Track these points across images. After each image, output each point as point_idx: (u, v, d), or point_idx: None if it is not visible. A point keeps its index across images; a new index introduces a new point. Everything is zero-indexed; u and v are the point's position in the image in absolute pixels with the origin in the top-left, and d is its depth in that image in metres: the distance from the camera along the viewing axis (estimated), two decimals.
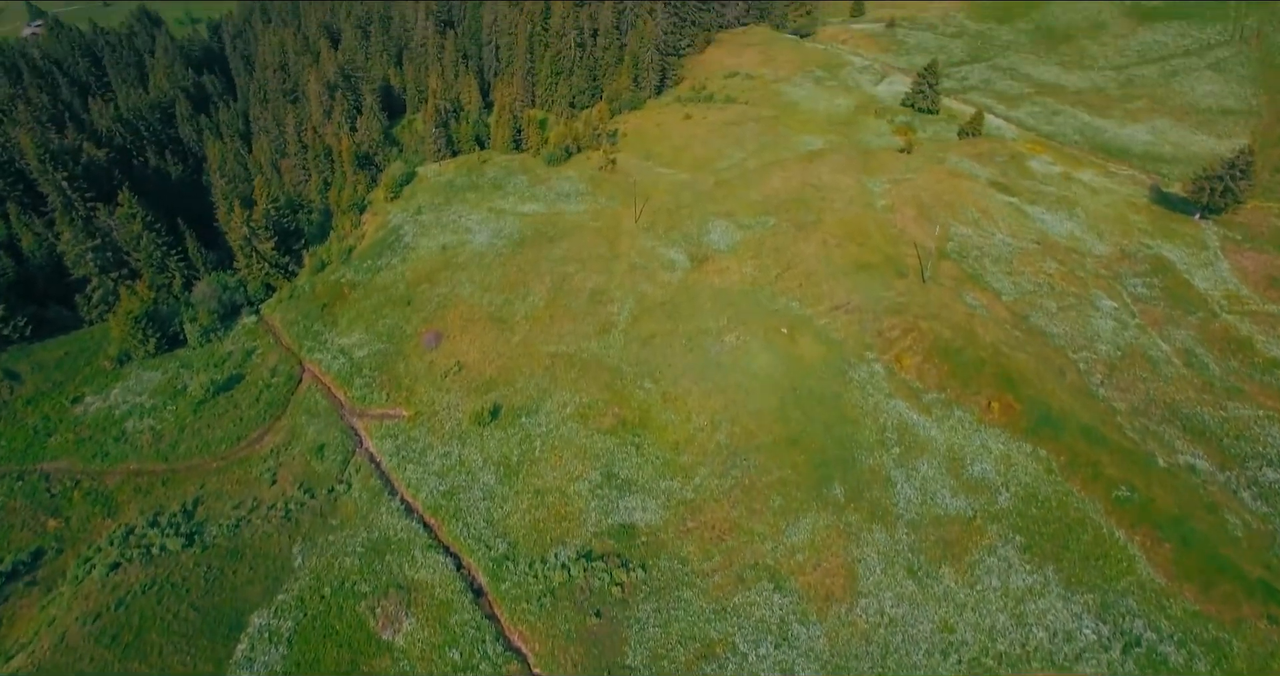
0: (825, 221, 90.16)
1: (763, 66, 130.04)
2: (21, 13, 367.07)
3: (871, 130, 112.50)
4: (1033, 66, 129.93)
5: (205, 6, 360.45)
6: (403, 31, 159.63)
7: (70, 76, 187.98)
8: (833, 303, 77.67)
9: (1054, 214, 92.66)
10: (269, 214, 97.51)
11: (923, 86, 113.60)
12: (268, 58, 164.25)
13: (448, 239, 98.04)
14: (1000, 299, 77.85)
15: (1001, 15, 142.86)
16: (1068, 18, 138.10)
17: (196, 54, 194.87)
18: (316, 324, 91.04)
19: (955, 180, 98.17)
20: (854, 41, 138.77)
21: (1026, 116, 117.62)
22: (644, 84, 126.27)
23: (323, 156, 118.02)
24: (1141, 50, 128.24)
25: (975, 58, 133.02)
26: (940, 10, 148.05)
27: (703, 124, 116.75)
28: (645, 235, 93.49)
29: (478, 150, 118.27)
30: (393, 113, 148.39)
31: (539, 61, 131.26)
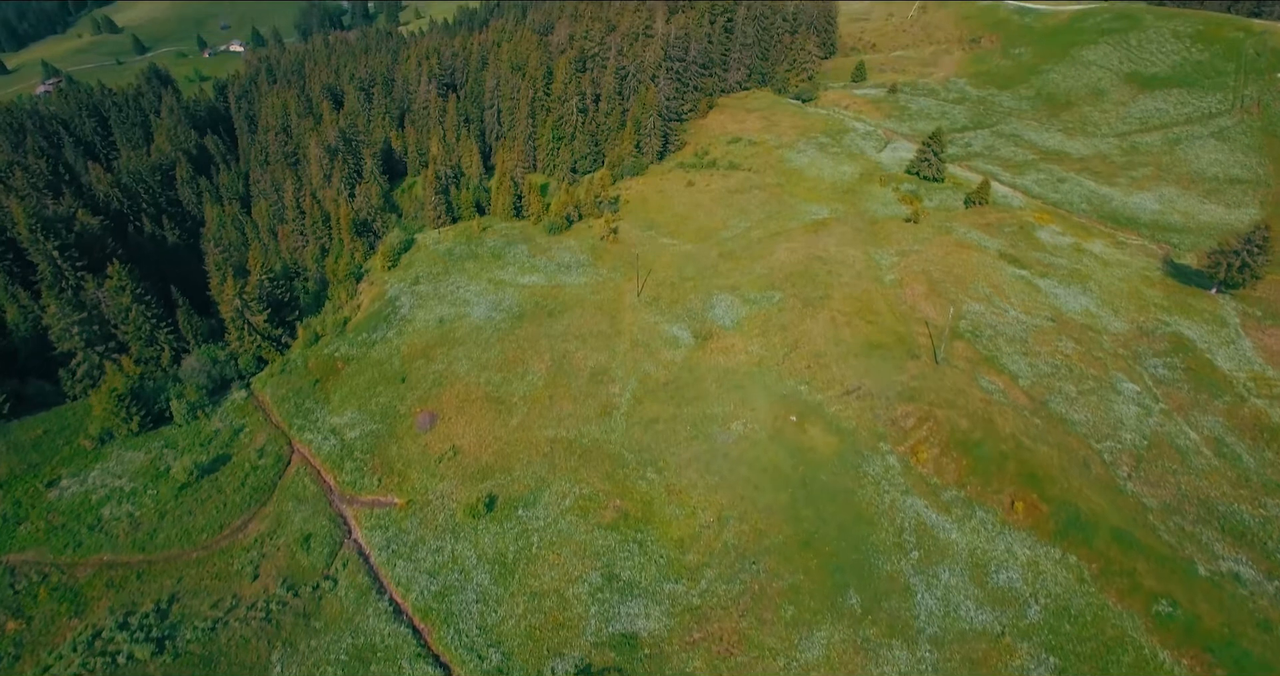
0: (833, 297, 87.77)
1: (765, 132, 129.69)
2: (37, 70, 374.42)
3: (877, 199, 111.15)
4: (1036, 133, 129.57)
5: (214, 64, 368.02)
6: (405, 94, 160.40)
7: (76, 136, 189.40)
8: (843, 387, 74.64)
9: (1067, 288, 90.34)
10: (262, 285, 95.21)
11: (928, 155, 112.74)
12: (270, 119, 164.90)
13: (445, 311, 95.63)
14: (1017, 382, 74.84)
15: (1002, 82, 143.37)
16: (1068, 85, 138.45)
17: (201, 114, 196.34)
18: (308, 401, 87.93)
19: (964, 252, 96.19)
20: (856, 107, 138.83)
21: (1033, 184, 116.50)
22: (646, 149, 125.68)
23: (320, 223, 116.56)
24: (1143, 118, 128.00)
25: (978, 124, 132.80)
26: (942, 76, 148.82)
27: (706, 191, 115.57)
28: (648, 310, 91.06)
29: (478, 217, 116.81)
30: (394, 175, 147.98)
31: (541, 126, 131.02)
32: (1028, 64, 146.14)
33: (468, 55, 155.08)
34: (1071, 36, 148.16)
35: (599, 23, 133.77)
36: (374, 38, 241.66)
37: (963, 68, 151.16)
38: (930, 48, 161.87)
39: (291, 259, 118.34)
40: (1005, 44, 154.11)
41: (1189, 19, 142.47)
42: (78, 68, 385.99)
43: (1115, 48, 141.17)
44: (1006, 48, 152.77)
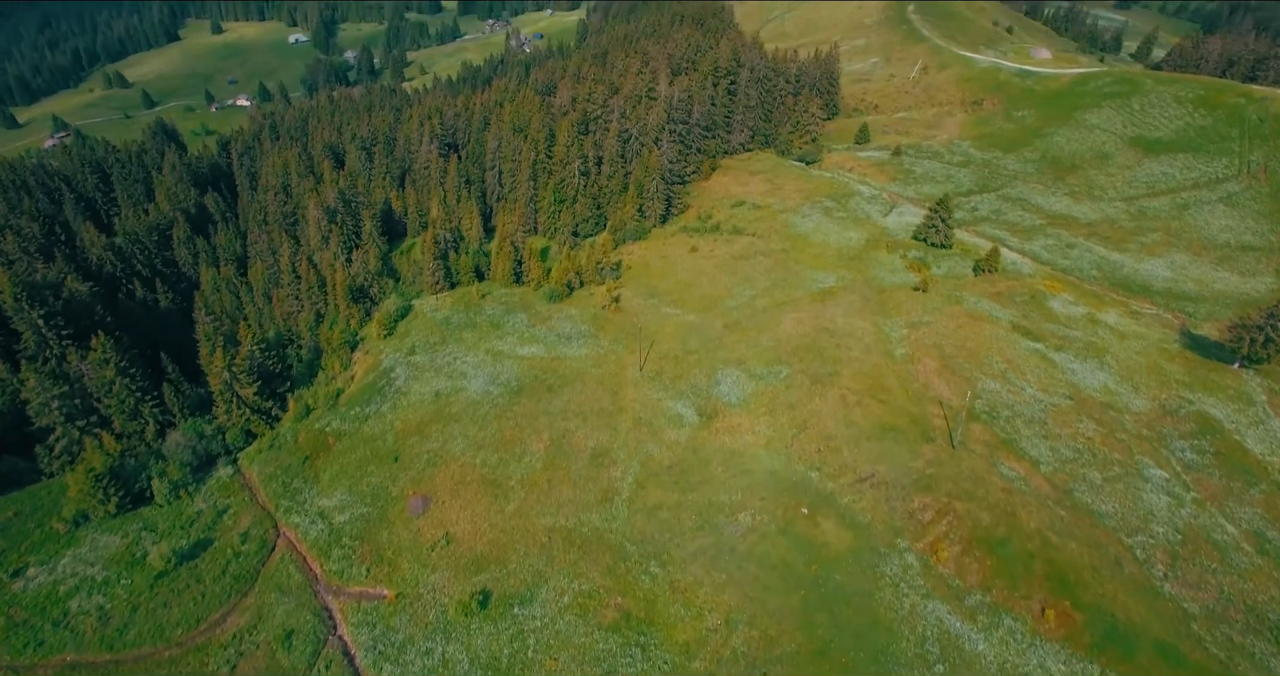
0: (842, 374, 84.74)
1: (769, 196, 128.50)
2: (47, 124, 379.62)
3: (884, 266, 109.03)
4: (1042, 197, 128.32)
5: (220, 118, 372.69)
6: (406, 153, 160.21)
7: (78, 192, 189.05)
8: (856, 474, 71.00)
9: (1083, 363, 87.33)
10: (253, 356, 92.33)
11: (935, 221, 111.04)
12: (270, 178, 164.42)
13: (442, 384, 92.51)
14: (1038, 469, 71.22)
15: (1006, 145, 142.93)
16: (1072, 148, 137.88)
17: (204, 171, 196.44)
18: (296, 480, 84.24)
19: (976, 324, 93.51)
20: (860, 169, 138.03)
21: (1041, 250, 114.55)
22: (649, 213, 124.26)
23: (316, 288, 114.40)
24: (1150, 182, 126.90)
25: (984, 187, 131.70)
26: (946, 138, 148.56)
27: (710, 257, 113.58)
28: (650, 385, 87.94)
29: (477, 282, 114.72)
30: (393, 236, 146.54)
31: (542, 189, 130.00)
32: (1031, 127, 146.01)
33: (470, 115, 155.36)
34: (1074, 100, 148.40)
35: (602, 85, 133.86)
36: (378, 95, 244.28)
37: (966, 130, 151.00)
38: (933, 109, 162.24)
39: (285, 325, 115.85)
40: (1007, 106, 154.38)
41: (1189, 84, 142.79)
42: (87, 121, 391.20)
43: (1118, 112, 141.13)
44: (1009, 110, 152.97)
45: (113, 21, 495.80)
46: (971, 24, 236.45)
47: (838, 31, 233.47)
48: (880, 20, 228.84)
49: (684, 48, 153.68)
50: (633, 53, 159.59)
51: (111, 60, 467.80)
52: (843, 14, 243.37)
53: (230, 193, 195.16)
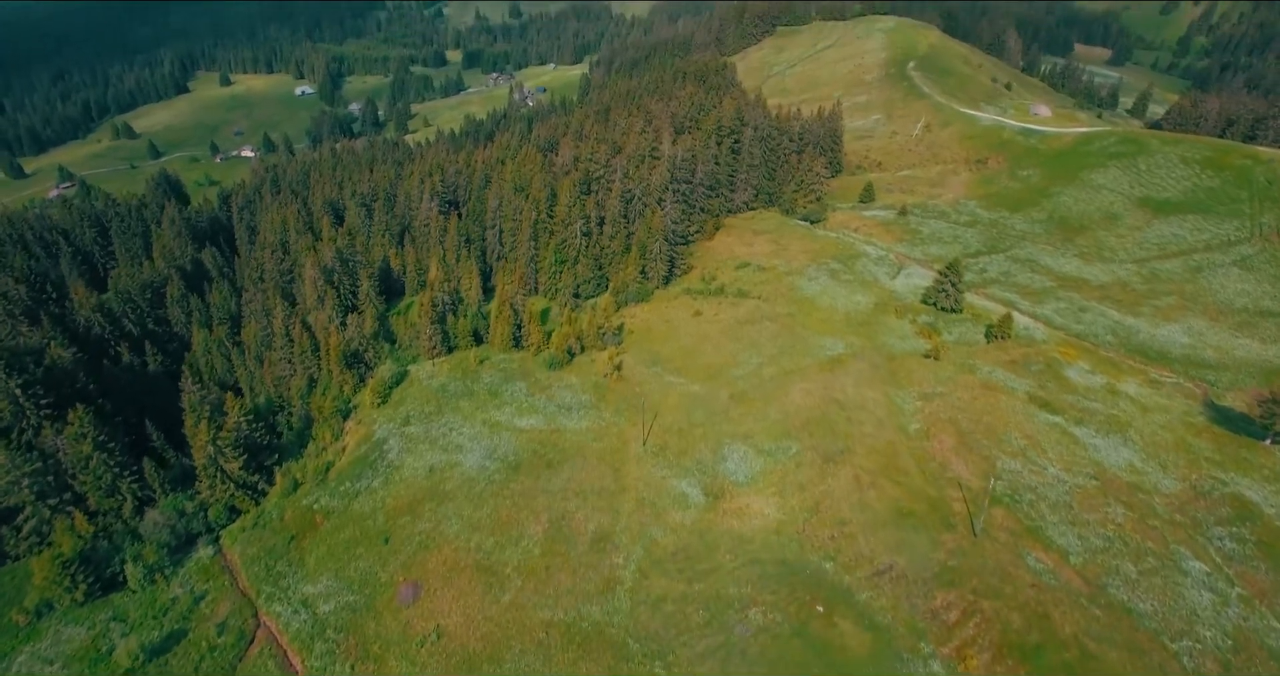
0: (855, 450, 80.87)
1: (774, 257, 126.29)
2: (54, 174, 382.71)
3: (894, 332, 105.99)
4: (1052, 258, 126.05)
5: (225, 168, 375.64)
6: (407, 210, 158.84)
7: (76, 246, 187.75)
8: (873, 566, 66.59)
9: (1106, 438, 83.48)
10: (240, 427, 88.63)
11: (945, 285, 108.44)
12: (268, 235, 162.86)
13: (436, 458, 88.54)
14: (1068, 560, 66.80)
15: (1013, 204, 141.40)
16: (1079, 208, 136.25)
17: (203, 225, 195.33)
18: (280, 563, 79.73)
19: (992, 396, 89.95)
20: (866, 229, 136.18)
21: (1053, 314, 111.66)
22: (652, 274, 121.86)
23: (310, 352, 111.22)
24: (1160, 244, 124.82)
25: (992, 248, 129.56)
26: (952, 197, 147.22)
27: (714, 322, 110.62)
28: (654, 461, 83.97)
29: (475, 347, 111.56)
30: (391, 295, 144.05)
31: (543, 249, 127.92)
32: (1037, 186, 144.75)
33: (471, 172, 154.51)
34: (1079, 159, 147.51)
35: (604, 145, 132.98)
36: (380, 148, 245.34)
37: (971, 189, 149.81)
38: (937, 167, 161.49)
39: (277, 391, 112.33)
40: (1012, 165, 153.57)
41: (1195, 145, 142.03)
42: (92, 172, 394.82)
43: (1124, 172, 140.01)
44: (1014, 169, 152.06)
45: (124, 74, 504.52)
46: (971, 81, 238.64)
47: (838, 88, 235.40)
48: (881, 77, 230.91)
49: (687, 106, 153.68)
50: (635, 111, 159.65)
51: (121, 111, 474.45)
52: (843, 70, 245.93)
53: (229, 246, 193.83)
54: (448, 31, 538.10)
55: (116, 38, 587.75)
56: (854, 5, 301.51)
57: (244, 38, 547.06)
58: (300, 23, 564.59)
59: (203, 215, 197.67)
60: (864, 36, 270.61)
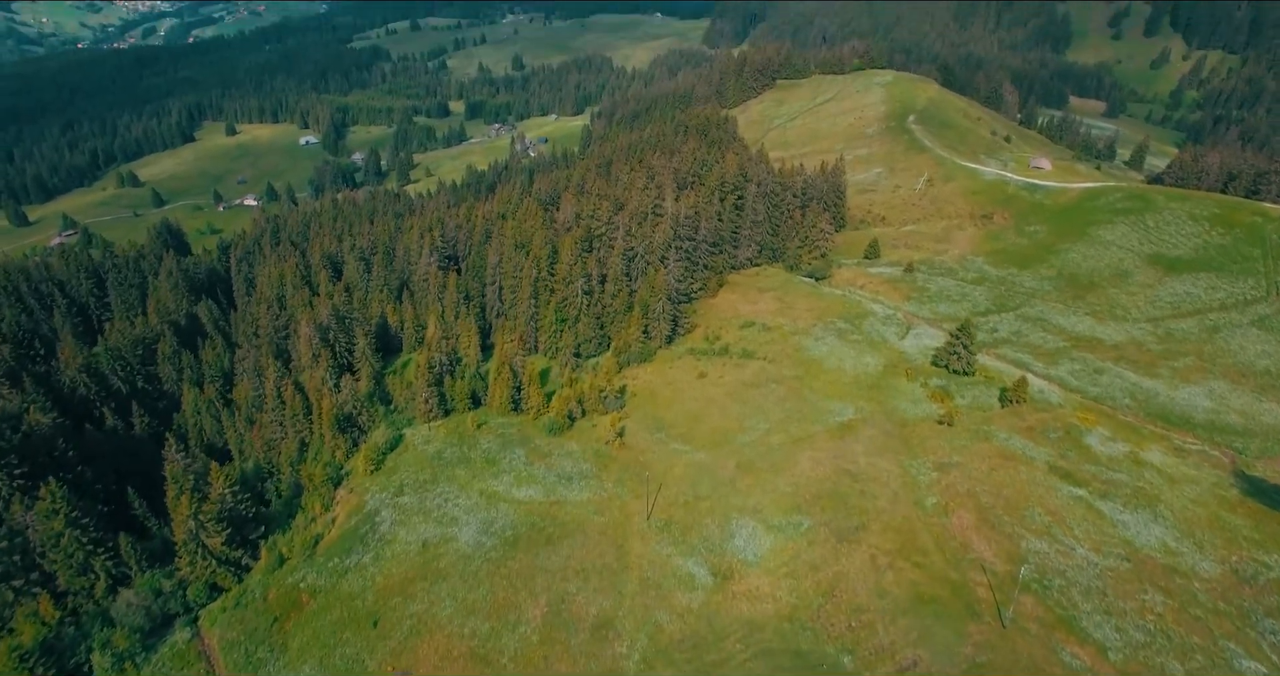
0: (870, 528, 76.71)
1: (780, 316, 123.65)
2: (57, 223, 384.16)
3: (905, 395, 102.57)
4: (1063, 317, 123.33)
5: (227, 217, 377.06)
6: (406, 265, 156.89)
7: (71, 298, 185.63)
8: (896, 662, 61.89)
9: (1134, 513, 79.35)
10: (224, 500, 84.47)
11: (957, 347, 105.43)
12: (265, 289, 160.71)
13: (430, 532, 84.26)
14: (1107, 656, 62.15)
15: (1021, 261, 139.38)
16: (1089, 265, 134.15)
17: (201, 276, 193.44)
18: (262, 648, 74.92)
19: (1011, 466, 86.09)
20: (872, 287, 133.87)
21: (1068, 375, 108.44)
22: (654, 334, 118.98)
23: (302, 415, 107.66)
24: (1174, 302, 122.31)
25: (1001, 306, 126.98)
26: (958, 254, 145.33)
27: (719, 384, 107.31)
28: (659, 537, 79.70)
29: (472, 410, 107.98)
30: (388, 351, 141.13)
31: (544, 308, 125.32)
32: (1044, 243, 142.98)
33: (471, 227, 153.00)
34: (1086, 215, 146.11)
35: (606, 201, 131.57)
36: (381, 199, 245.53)
37: (978, 245, 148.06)
38: (941, 223, 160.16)
39: (266, 456, 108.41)
40: (1018, 221, 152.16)
41: (1202, 202, 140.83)
42: (96, 220, 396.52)
43: (1133, 228, 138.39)
44: (1020, 225, 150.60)
45: (133, 124, 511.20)
46: (971, 134, 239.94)
47: (839, 140, 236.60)
48: (881, 130, 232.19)
49: (690, 162, 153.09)
50: (638, 166, 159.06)
51: (128, 160, 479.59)
52: (844, 124, 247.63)
53: (227, 298, 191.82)
54: (451, 83, 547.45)
55: (127, 88, 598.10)
56: (852, 60, 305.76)
57: (251, 88, 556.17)
58: (307, 74, 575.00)
59: (201, 267, 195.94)
60: (863, 90, 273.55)
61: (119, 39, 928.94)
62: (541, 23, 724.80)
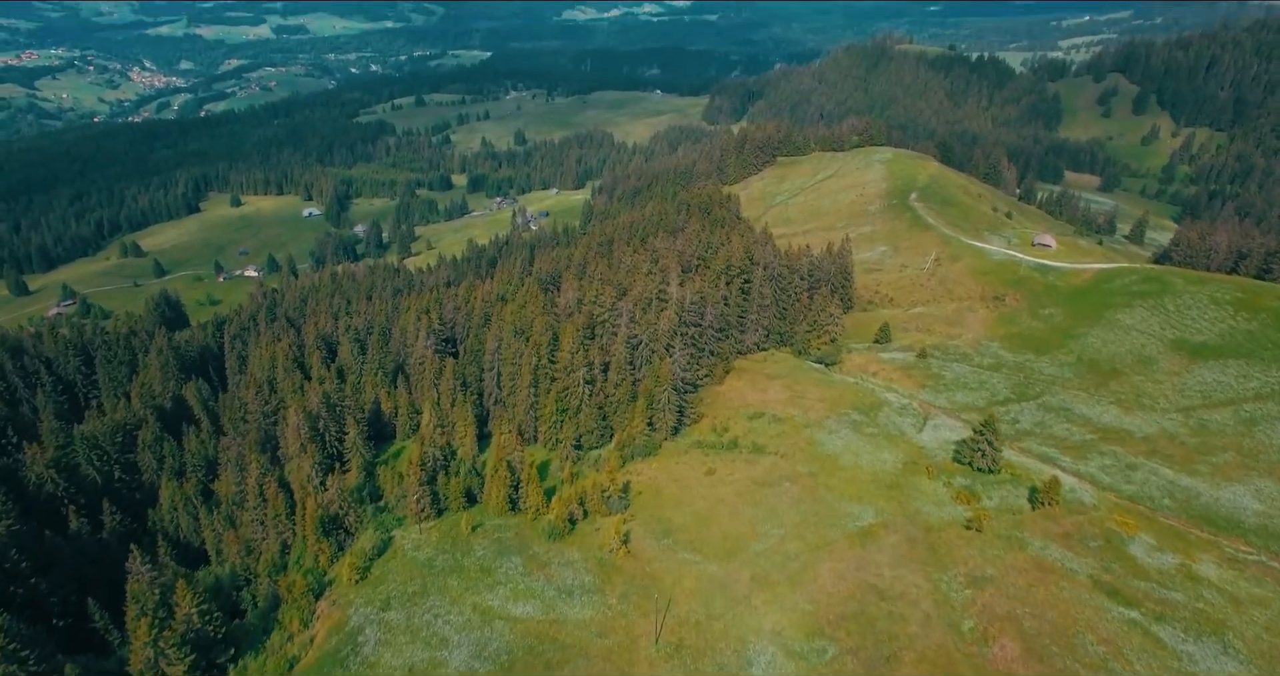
0: (902, 658, 69.24)
1: (790, 406, 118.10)
2: (57, 292, 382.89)
3: (927, 496, 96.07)
4: (1087, 406, 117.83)
5: (227, 288, 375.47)
6: (402, 347, 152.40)
7: (58, 375, 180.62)
8: None
9: (1199, 643, 71.88)
10: (190, 620, 76.99)
11: (981, 444, 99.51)
12: (256, 371, 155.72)
13: (418, 655, 76.48)
14: None
15: (1038, 346, 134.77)
16: (1109, 351, 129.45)
17: (193, 354, 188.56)
18: None
19: (1051, 581, 79.00)
20: (885, 374, 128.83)
21: (1099, 471, 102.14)
22: (659, 425, 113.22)
23: (284, 515, 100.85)
24: (1204, 391, 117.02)
25: (1021, 395, 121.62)
26: (972, 338, 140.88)
27: (729, 482, 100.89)
28: (669, 665, 72.02)
29: (467, 509, 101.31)
30: (381, 439, 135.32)
31: (543, 396, 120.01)
32: (1061, 327, 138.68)
33: (470, 309, 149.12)
34: (1102, 298, 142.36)
35: (609, 287, 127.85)
36: (380, 274, 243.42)
37: (992, 329, 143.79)
38: (952, 304, 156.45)
39: (244, 562, 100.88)
40: (1032, 304, 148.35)
41: (1223, 285, 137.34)
42: (95, 290, 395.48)
43: (1152, 312, 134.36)
44: (1034, 308, 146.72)
45: (140, 195, 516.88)
46: (973, 210, 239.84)
47: (841, 218, 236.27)
48: (884, 207, 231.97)
49: (694, 244, 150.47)
50: (641, 248, 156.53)
51: (133, 230, 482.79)
52: (846, 201, 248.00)
53: (220, 376, 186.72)
54: (454, 157, 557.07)
55: (138, 160, 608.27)
56: (851, 137, 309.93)
57: (258, 161, 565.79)
58: (313, 148, 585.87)
59: (193, 345, 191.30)
60: (863, 167, 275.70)
61: (134, 113, 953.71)
62: (544, 99, 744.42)
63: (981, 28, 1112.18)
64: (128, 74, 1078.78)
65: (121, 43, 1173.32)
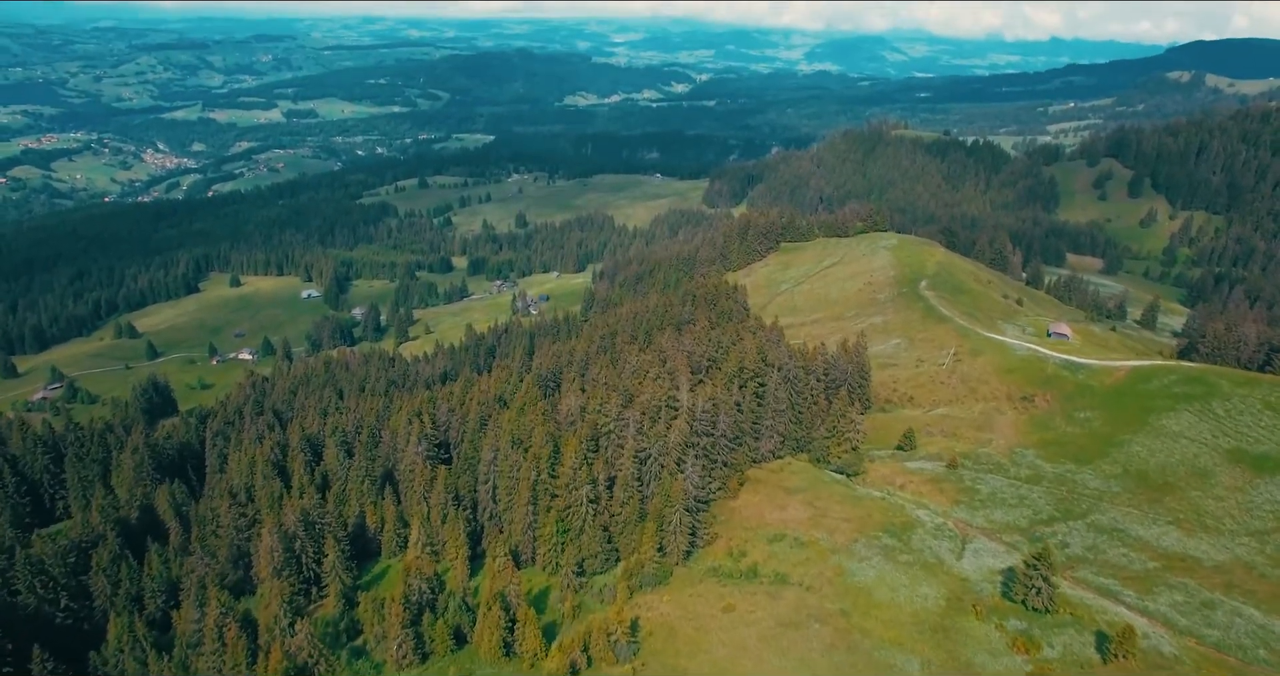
0: None
1: (814, 526, 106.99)
2: (45, 374, 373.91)
3: (979, 642, 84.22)
4: (1143, 527, 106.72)
5: (219, 371, 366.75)
6: (392, 451, 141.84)
7: (23, 475, 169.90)
8: None
9: None
10: None
11: (1035, 580, 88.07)
12: (234, 476, 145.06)
13: None
14: None
15: (1078, 454, 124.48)
16: (1158, 461, 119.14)
17: (171, 453, 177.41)
18: None
19: None
20: (914, 487, 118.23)
21: (1172, 610, 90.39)
22: (670, 549, 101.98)
23: (245, 664, 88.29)
24: (1276, 511, 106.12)
25: (1067, 513, 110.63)
26: (1004, 444, 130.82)
27: (751, 622, 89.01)
28: None
29: (455, 652, 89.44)
30: (365, 556, 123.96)
31: (543, 515, 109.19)
32: (1101, 433, 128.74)
33: (465, 411, 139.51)
34: (1142, 401, 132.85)
35: (615, 393, 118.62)
36: (375, 364, 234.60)
37: (1025, 435, 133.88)
38: (977, 405, 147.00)
39: None
40: (1065, 405, 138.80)
41: (1275, 388, 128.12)
42: (85, 372, 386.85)
43: (1201, 418, 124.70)
44: (1068, 410, 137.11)
45: (139, 275, 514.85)
46: (984, 298, 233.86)
47: (850, 307, 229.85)
48: (894, 296, 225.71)
49: (704, 343, 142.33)
50: (646, 348, 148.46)
51: (131, 310, 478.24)
52: (853, 289, 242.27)
53: (200, 475, 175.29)
54: (455, 239, 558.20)
55: (142, 240, 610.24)
56: (855, 223, 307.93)
57: (259, 241, 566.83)
58: (315, 229, 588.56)
59: (172, 442, 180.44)
60: (869, 253, 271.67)
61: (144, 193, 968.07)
62: (545, 181, 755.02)
63: (970, 113, 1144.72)
64: (141, 155, 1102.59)
65: (139, 126, 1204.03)
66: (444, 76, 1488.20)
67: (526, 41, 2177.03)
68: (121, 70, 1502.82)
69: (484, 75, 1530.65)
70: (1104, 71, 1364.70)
